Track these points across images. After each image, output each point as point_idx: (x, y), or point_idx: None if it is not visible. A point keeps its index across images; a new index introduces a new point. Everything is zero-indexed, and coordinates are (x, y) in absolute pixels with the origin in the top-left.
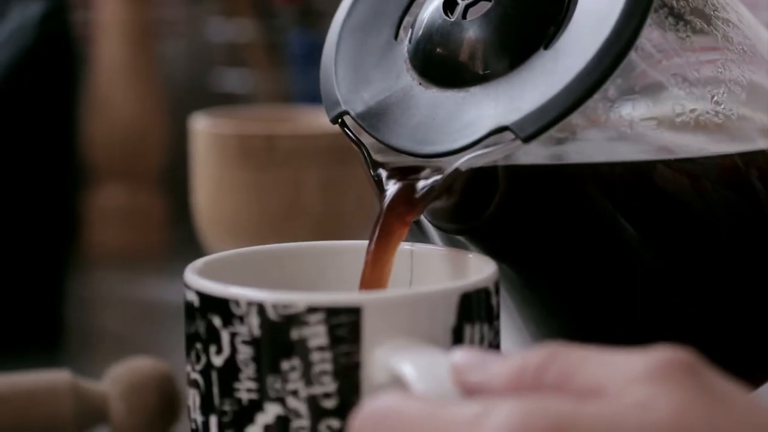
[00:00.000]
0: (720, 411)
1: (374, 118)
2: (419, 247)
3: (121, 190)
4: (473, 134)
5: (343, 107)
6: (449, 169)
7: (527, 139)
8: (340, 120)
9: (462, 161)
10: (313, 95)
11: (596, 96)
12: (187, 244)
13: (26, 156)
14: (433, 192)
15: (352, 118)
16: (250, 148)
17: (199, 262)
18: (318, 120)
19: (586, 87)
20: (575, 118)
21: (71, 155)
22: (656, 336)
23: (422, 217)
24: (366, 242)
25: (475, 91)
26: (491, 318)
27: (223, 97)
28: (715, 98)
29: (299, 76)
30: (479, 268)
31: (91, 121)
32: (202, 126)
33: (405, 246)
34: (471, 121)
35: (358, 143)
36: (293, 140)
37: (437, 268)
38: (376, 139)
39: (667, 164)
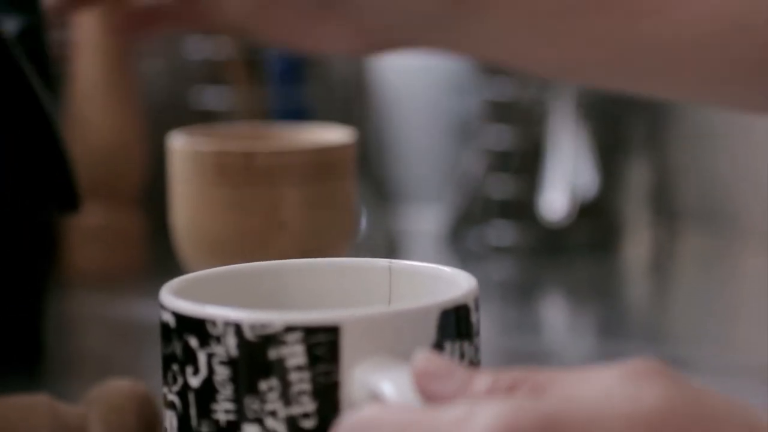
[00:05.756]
0: (702, 401)
1: None
2: (397, 263)
3: (100, 209)
4: None
5: None
6: None
7: None
8: None
9: None
10: (292, 112)
11: None
12: (167, 263)
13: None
14: None
15: None
16: (228, 165)
17: (174, 282)
18: (297, 137)
19: None
20: None
21: None
22: None
23: None
24: (349, 260)
25: None
26: (471, 334)
27: (202, 115)
28: None
29: (278, 93)
30: (458, 284)
31: (69, 139)
32: (180, 144)
33: (383, 262)
34: None
35: None
36: (272, 157)
37: (416, 284)
38: None
39: None
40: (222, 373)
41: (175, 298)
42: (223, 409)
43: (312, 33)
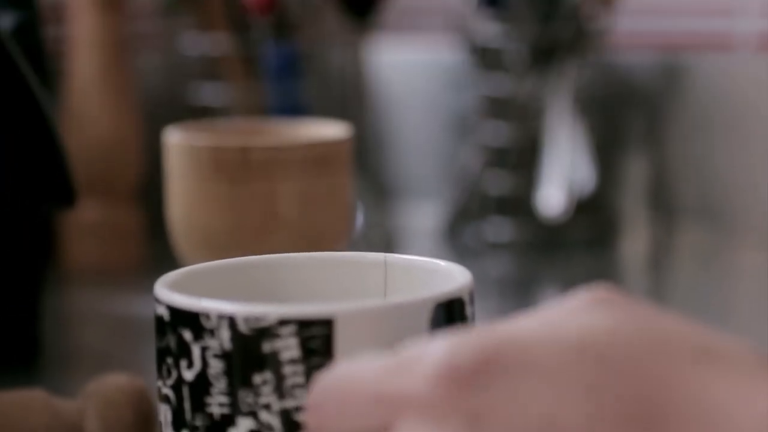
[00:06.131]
0: (653, 326)
1: None
2: (393, 257)
3: (96, 204)
4: None
5: None
6: None
7: None
8: None
9: None
10: (288, 108)
11: None
12: (164, 258)
13: None
14: None
15: None
16: (224, 160)
17: (169, 276)
18: (294, 132)
19: None
20: None
21: None
22: None
23: None
24: (345, 254)
25: None
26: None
27: (199, 111)
28: None
29: (274, 89)
30: (453, 278)
31: (66, 136)
32: (176, 139)
33: (379, 256)
34: None
35: None
36: (268, 152)
37: (411, 278)
38: None
39: None
40: (216, 366)
41: (170, 292)
42: (217, 403)
43: None
